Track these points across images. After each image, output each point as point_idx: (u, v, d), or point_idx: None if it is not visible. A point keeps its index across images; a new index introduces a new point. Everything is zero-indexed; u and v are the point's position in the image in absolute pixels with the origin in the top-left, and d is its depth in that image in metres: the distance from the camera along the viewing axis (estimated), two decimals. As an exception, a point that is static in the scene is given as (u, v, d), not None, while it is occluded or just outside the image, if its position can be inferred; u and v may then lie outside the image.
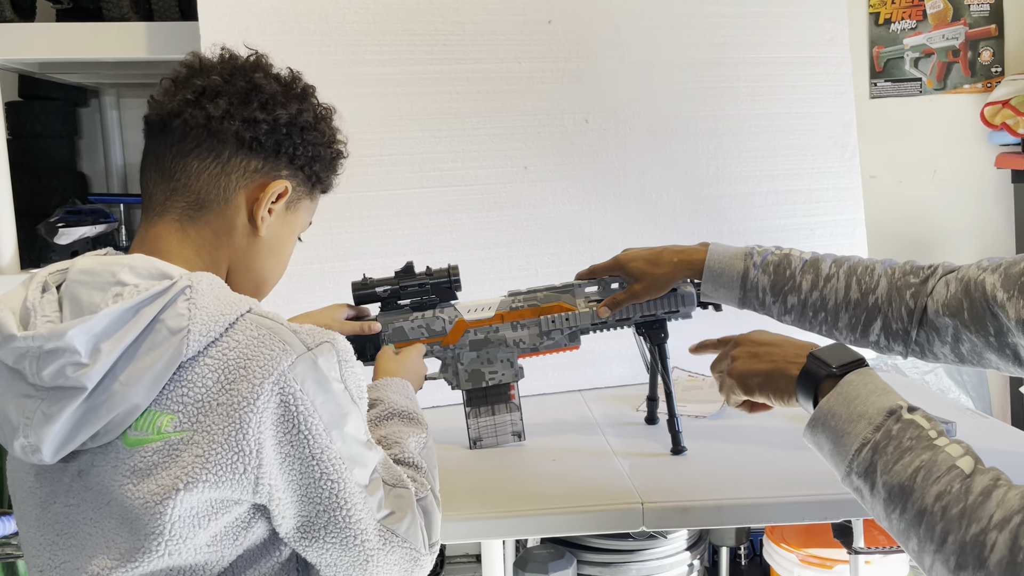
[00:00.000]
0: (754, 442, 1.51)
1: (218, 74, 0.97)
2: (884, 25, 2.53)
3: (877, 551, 1.86)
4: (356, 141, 1.90)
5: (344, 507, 0.88)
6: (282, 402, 0.84)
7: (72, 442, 0.84)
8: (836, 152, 2.16)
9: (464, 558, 2.58)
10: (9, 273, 2.03)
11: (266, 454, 0.84)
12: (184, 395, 0.84)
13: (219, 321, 0.86)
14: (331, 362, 0.88)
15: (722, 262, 1.41)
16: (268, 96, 0.98)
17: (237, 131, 0.95)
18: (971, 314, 1.21)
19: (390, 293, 1.46)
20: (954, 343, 1.26)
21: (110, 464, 0.85)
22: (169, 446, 0.83)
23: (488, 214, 1.96)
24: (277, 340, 0.86)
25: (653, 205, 2.05)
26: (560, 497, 1.31)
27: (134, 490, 0.83)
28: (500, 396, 1.51)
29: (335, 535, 0.89)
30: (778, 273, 1.37)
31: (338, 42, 1.88)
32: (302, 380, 0.85)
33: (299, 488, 0.87)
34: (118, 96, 2.65)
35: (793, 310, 1.37)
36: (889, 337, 1.32)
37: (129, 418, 0.84)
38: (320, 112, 1.04)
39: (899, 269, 1.32)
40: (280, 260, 1.05)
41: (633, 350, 1.65)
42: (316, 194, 1.08)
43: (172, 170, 0.96)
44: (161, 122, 0.97)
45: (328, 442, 0.87)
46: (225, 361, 0.85)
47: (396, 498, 0.94)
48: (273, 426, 0.84)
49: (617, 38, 2.03)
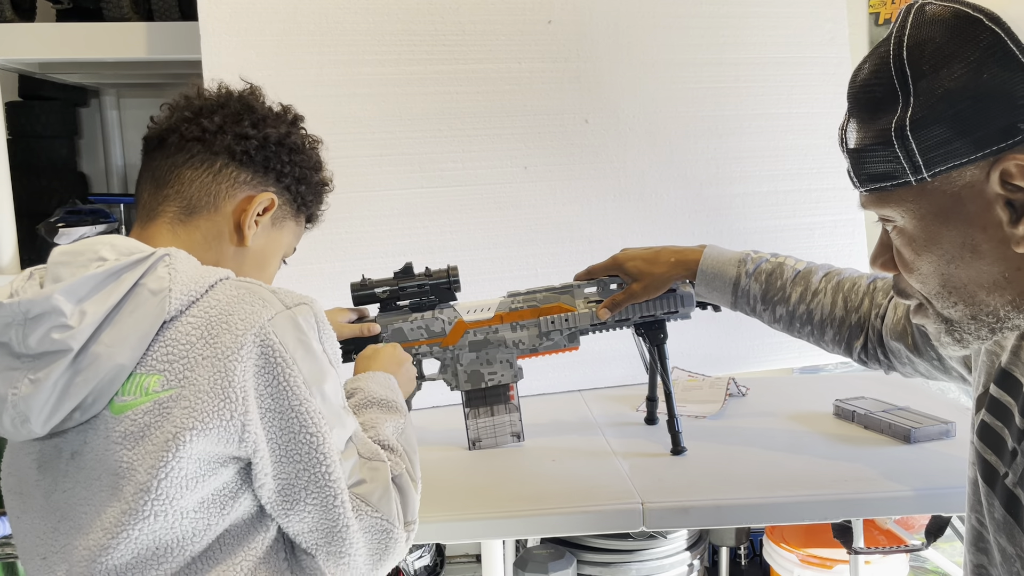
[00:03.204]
0: (754, 442, 1.52)
1: (214, 97, 1.05)
2: (884, 25, 2.53)
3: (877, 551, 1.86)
4: (356, 141, 1.93)
5: (324, 463, 0.89)
6: (263, 354, 0.87)
7: (60, 409, 0.85)
8: (836, 152, 2.14)
9: (464, 558, 2.58)
10: (9, 273, 2.04)
11: (251, 403, 0.86)
12: (169, 353, 0.86)
13: (199, 283, 0.90)
14: (309, 322, 0.92)
15: (715, 266, 1.42)
16: (260, 117, 1.05)
17: (229, 144, 1.01)
18: (913, 340, 1.23)
19: (389, 294, 1.46)
20: (911, 363, 1.27)
21: (101, 436, 0.87)
22: (159, 405, 0.85)
23: (488, 214, 1.96)
24: (257, 297, 0.90)
25: (653, 205, 2.05)
26: (560, 497, 1.31)
27: (129, 455, 0.85)
28: (499, 397, 1.51)
29: (316, 495, 0.89)
30: (769, 282, 1.38)
31: (338, 42, 1.88)
32: (282, 334, 0.88)
33: (280, 444, 0.88)
34: (118, 96, 2.65)
35: (782, 320, 1.39)
36: (867, 356, 1.34)
37: (116, 382, 0.86)
38: (308, 140, 1.11)
39: (880, 287, 1.34)
40: (263, 276, 1.08)
41: (633, 350, 1.65)
42: (301, 219, 1.13)
43: (166, 179, 1.01)
44: (158, 138, 1.03)
45: (308, 395, 0.88)
46: (207, 318, 0.88)
47: (370, 470, 0.96)
48: (255, 377, 0.86)
49: (617, 38, 2.03)
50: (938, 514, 1.51)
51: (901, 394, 1.70)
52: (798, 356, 2.07)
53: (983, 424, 0.91)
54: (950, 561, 1.94)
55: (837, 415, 1.65)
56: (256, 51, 1.83)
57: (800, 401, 1.77)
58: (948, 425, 1.50)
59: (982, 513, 0.92)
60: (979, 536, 0.93)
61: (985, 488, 0.90)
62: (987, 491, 0.89)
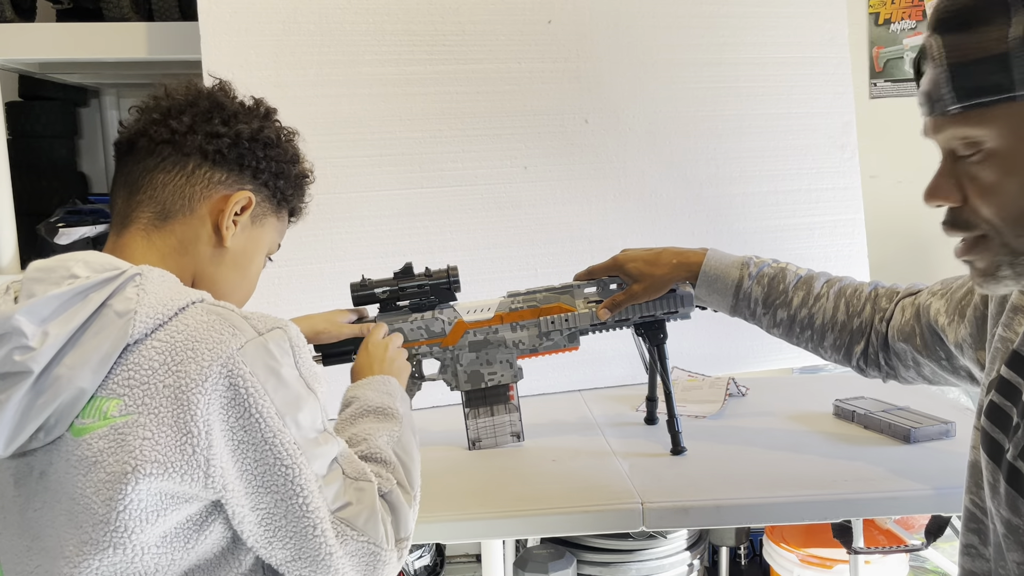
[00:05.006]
0: (754, 442, 1.52)
1: (183, 96, 1.01)
2: (884, 25, 2.53)
3: (877, 551, 1.86)
4: (356, 141, 1.93)
5: (300, 494, 0.86)
6: (231, 385, 0.83)
7: (22, 432, 0.83)
8: (836, 152, 2.16)
9: (464, 558, 2.58)
10: (9, 273, 2.04)
11: (215, 438, 0.82)
12: (130, 378, 0.83)
13: (168, 306, 0.86)
14: (283, 347, 0.88)
15: (719, 269, 1.42)
16: (230, 113, 1.01)
17: (200, 144, 0.98)
18: (922, 339, 1.23)
19: (389, 294, 1.45)
20: (916, 366, 1.27)
21: (63, 459, 0.85)
22: (115, 431, 0.82)
23: (488, 214, 1.96)
24: (227, 324, 0.86)
25: (653, 205, 2.05)
26: (560, 497, 1.31)
27: (83, 480, 0.82)
28: (499, 397, 1.51)
29: (294, 525, 0.87)
30: (772, 286, 1.39)
31: (338, 42, 1.88)
32: (252, 363, 0.84)
33: (255, 477, 0.85)
34: (118, 96, 2.65)
35: (781, 324, 1.39)
36: (867, 362, 1.34)
37: (76, 405, 0.83)
38: (283, 132, 1.07)
39: (882, 293, 1.34)
40: (247, 276, 1.05)
41: (632, 350, 1.65)
42: (283, 214, 1.09)
43: (139, 184, 0.98)
44: (128, 142, 1.00)
45: (282, 426, 0.85)
46: (172, 344, 0.84)
47: (356, 491, 0.93)
48: (222, 410, 0.83)
49: (617, 38, 2.03)
50: (938, 514, 1.51)
51: (901, 394, 1.70)
52: (798, 356, 2.06)
53: (991, 404, 0.92)
54: (950, 561, 1.94)
55: (837, 415, 1.65)
56: (256, 51, 1.84)
57: (800, 401, 1.77)
58: (948, 425, 1.50)
59: (978, 495, 0.94)
60: (972, 516, 0.95)
61: (991, 465, 0.91)
62: (992, 467, 0.90)
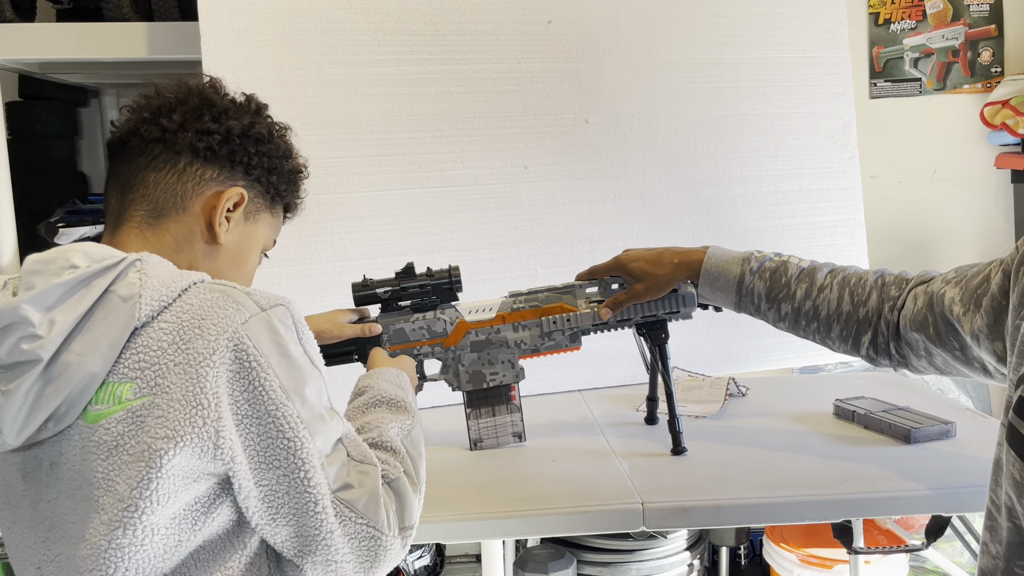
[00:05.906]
0: (754, 442, 1.52)
1: (173, 94, 1.01)
2: (884, 25, 2.54)
3: (877, 551, 1.86)
4: (356, 141, 1.93)
5: (302, 468, 0.86)
6: (236, 358, 0.84)
7: (33, 421, 0.84)
8: (836, 152, 2.16)
9: (464, 558, 2.58)
10: (9, 273, 2.03)
11: (224, 410, 0.83)
12: (141, 360, 0.84)
13: (171, 287, 0.87)
14: (287, 323, 0.89)
15: (719, 266, 1.41)
16: (221, 110, 1.01)
17: (191, 141, 0.98)
18: (935, 329, 1.22)
19: (391, 294, 1.45)
20: (928, 356, 1.26)
21: (77, 446, 0.85)
22: (132, 414, 0.83)
23: (488, 214, 1.96)
24: (231, 300, 0.87)
25: (653, 205, 2.05)
26: (560, 497, 1.31)
27: (104, 465, 0.83)
28: (501, 397, 1.51)
29: (296, 500, 0.87)
30: (774, 280, 1.38)
31: (338, 42, 1.88)
32: (256, 338, 0.85)
33: (258, 450, 0.85)
34: (118, 96, 2.65)
35: (787, 317, 1.38)
36: (877, 350, 1.33)
37: (88, 391, 0.84)
38: (275, 128, 1.07)
39: (888, 280, 1.33)
40: (242, 272, 1.06)
41: (633, 350, 1.65)
42: (278, 210, 1.10)
43: (131, 183, 0.99)
44: (120, 141, 1.00)
45: (285, 399, 0.86)
46: (179, 323, 0.85)
47: (359, 473, 0.93)
48: (228, 383, 0.84)
49: (617, 38, 2.03)
50: (938, 514, 1.51)
51: (901, 394, 1.70)
52: (798, 356, 2.07)
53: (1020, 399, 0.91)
54: (950, 561, 1.95)
55: (837, 415, 1.65)
56: (256, 51, 1.84)
57: (800, 401, 1.77)
58: (948, 425, 1.50)
59: (996, 492, 0.94)
60: (988, 514, 0.96)
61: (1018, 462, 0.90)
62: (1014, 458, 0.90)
